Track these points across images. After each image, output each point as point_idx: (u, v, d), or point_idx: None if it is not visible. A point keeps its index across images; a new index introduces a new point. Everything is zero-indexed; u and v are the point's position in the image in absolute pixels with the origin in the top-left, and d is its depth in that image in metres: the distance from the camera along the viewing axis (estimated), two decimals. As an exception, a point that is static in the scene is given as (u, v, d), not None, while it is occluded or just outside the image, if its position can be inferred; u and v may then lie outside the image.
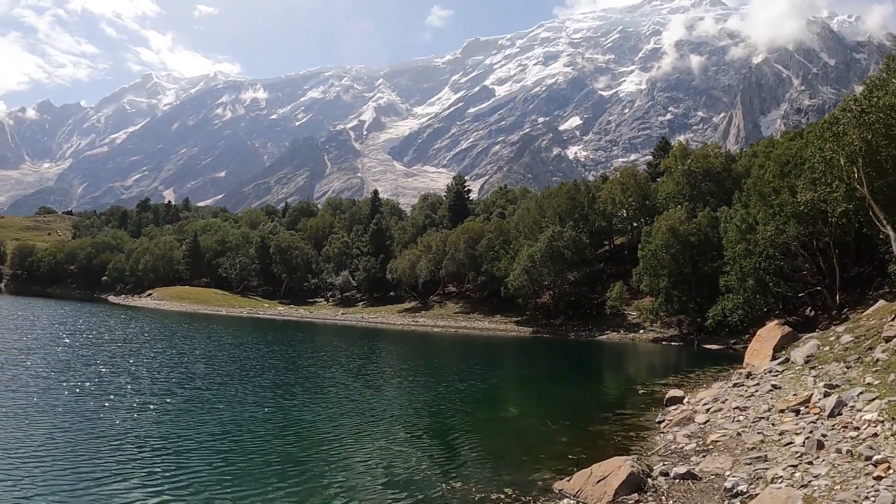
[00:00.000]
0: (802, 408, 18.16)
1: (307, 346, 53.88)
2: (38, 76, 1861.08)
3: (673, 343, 62.61)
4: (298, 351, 48.60)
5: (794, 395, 20.13)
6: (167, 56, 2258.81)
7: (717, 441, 17.78)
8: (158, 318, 77.88)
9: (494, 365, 45.47)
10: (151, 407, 24.06)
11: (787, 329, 31.32)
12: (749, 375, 26.67)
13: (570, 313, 78.08)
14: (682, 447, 18.37)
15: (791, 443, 15.71)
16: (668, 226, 63.54)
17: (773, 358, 28.15)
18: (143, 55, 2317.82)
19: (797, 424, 17.00)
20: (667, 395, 27.37)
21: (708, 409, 22.54)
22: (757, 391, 22.87)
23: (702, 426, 20.52)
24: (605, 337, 69.64)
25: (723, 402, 22.99)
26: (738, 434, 17.91)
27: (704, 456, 16.85)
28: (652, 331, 68.69)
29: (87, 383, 28.29)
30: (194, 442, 19.93)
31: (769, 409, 19.69)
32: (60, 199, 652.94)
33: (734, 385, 25.73)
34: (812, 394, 18.85)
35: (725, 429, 18.95)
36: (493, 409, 27.74)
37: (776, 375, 24.49)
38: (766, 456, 15.27)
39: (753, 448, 16.25)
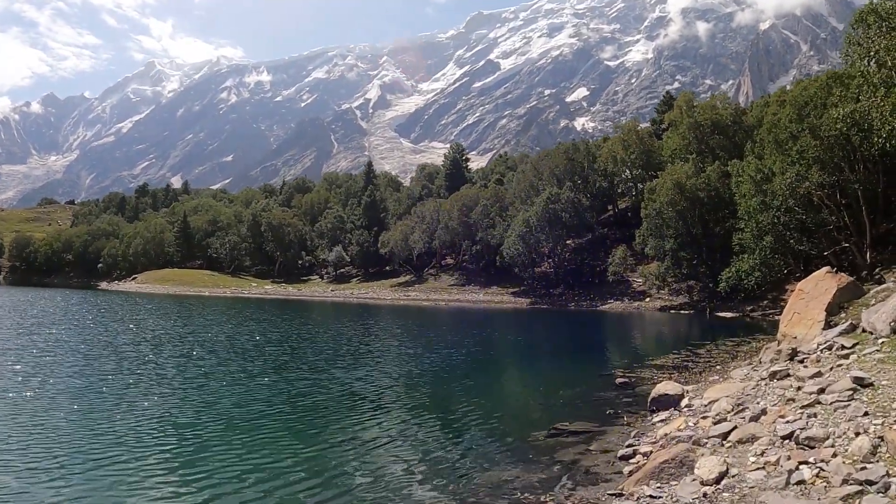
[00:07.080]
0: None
1: (268, 325, 48.23)
2: (41, 70, 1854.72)
3: (682, 312, 57.40)
4: (259, 330, 42.84)
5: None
6: (169, 43, 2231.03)
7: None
8: (120, 302, 72.70)
9: (455, 345, 34.92)
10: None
11: (844, 279, 19.60)
12: (795, 356, 16.14)
13: (570, 282, 73.25)
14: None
15: None
16: (674, 181, 57.37)
17: (829, 325, 17.73)
18: (144, 43, 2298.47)
19: None
20: (652, 393, 16.84)
21: (725, 434, 11.53)
22: (823, 392, 11.90)
23: (712, 493, 9.12)
24: (607, 306, 64.51)
25: (755, 418, 12.02)
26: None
27: None
28: (659, 298, 63.41)
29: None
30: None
31: (876, 448, 8.88)
32: (69, 191, 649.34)
33: (772, 375, 14.78)
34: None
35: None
36: (359, 430, 16.40)
37: (846, 356, 14.18)
38: None
39: None
